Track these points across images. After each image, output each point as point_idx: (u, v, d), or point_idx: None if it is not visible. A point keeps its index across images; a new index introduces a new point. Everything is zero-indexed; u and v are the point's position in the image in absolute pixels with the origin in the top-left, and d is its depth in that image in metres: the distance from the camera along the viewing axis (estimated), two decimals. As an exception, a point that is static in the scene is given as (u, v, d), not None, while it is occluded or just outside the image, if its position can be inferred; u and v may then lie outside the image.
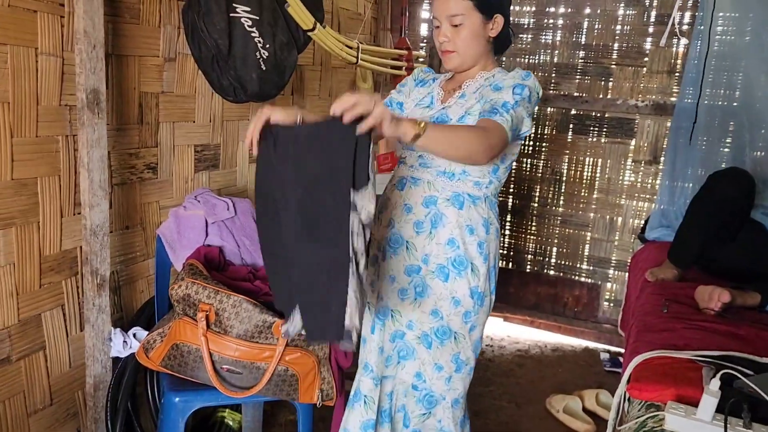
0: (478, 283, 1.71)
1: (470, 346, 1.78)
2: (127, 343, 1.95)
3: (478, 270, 1.70)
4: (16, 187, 1.70)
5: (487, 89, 1.64)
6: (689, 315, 2.04)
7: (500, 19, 1.67)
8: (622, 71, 3.53)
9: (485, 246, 1.71)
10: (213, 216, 2.14)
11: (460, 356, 1.78)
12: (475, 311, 1.73)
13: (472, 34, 1.66)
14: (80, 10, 1.68)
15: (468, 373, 1.83)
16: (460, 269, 1.69)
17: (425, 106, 1.78)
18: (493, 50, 1.76)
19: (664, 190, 3.28)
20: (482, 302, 1.74)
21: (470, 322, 1.74)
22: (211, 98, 2.39)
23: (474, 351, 1.80)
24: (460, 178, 1.68)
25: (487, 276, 1.73)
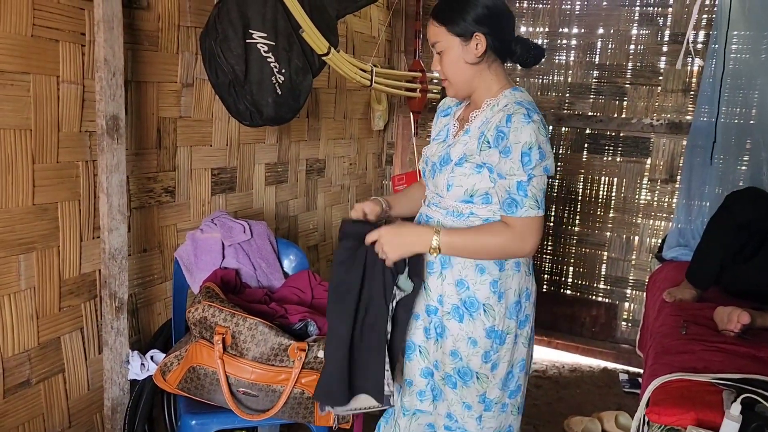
0: (494, 323, 1.62)
1: (497, 385, 1.67)
2: (145, 365, 1.97)
3: (493, 309, 1.61)
4: (37, 212, 1.73)
5: (491, 129, 1.54)
6: (708, 337, 2.01)
7: (481, 37, 1.55)
8: (636, 90, 3.53)
9: (499, 284, 1.61)
10: (230, 239, 2.16)
11: (487, 395, 1.68)
12: (495, 350, 1.64)
13: (453, 59, 1.60)
14: (101, 39, 1.72)
15: (501, 410, 1.71)
16: (472, 311, 1.62)
17: (441, 140, 1.74)
18: (495, 69, 1.63)
19: (681, 209, 3.26)
20: (503, 340, 1.64)
21: (491, 361, 1.65)
22: (228, 122, 2.43)
23: (503, 389, 1.69)
24: (469, 217, 1.63)
25: (507, 314, 1.63)
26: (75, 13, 1.76)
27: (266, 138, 2.70)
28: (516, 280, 1.64)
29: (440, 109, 1.85)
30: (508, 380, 1.69)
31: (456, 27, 1.56)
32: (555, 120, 3.73)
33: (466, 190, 1.58)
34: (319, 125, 3.10)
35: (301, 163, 3.00)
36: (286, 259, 2.37)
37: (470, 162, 1.57)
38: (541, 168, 1.50)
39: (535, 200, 1.50)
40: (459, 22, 1.56)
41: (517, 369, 1.70)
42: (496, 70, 1.63)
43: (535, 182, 1.50)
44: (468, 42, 1.57)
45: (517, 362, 1.69)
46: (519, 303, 1.65)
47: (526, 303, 1.67)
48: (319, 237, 3.26)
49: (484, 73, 1.61)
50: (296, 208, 3.02)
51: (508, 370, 1.68)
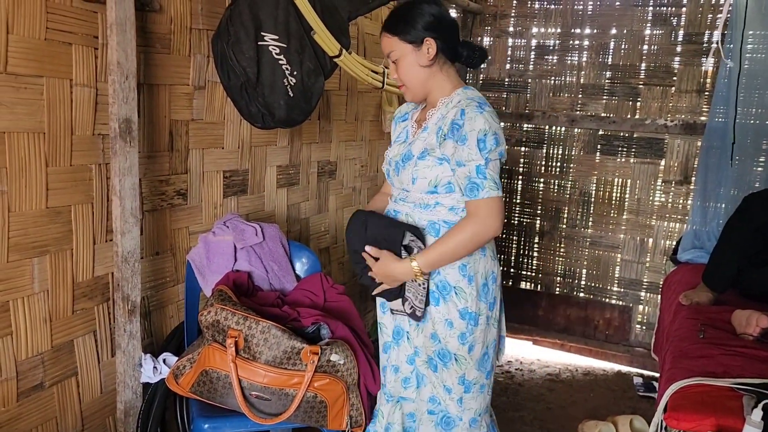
0: (467, 304, 1.74)
1: (473, 366, 1.80)
2: (157, 368, 1.96)
3: (464, 292, 1.74)
4: (51, 215, 1.74)
5: (447, 124, 1.68)
6: (727, 340, 1.98)
7: (431, 42, 1.71)
8: (650, 91, 3.50)
9: (468, 268, 1.74)
10: (242, 241, 2.16)
11: (466, 377, 1.80)
12: (470, 331, 1.76)
13: (408, 65, 1.75)
14: (113, 42, 1.71)
15: (479, 391, 1.84)
16: (444, 294, 1.75)
17: (401, 142, 1.88)
18: (447, 71, 1.78)
19: (696, 210, 3.23)
20: (476, 322, 1.76)
21: (468, 342, 1.77)
22: (240, 125, 2.42)
23: (480, 369, 1.82)
24: (435, 207, 1.76)
25: (478, 296, 1.76)
26: (88, 17, 1.76)
27: (278, 140, 2.69)
28: (483, 264, 1.78)
29: (397, 116, 1.99)
30: (484, 361, 1.82)
31: (407, 35, 1.73)
32: (568, 121, 3.71)
33: (430, 182, 1.72)
34: (331, 127, 3.09)
35: (312, 166, 2.99)
36: (298, 261, 2.36)
37: (432, 155, 1.71)
38: (496, 152, 1.65)
39: (494, 182, 1.64)
40: (410, 30, 1.72)
41: (491, 350, 1.84)
42: (448, 72, 1.79)
43: (492, 166, 1.64)
44: (420, 47, 1.73)
45: (490, 343, 1.83)
46: (486, 286, 1.79)
47: (492, 286, 1.81)
48: (330, 239, 3.25)
49: (437, 75, 1.77)
50: (308, 210, 3.01)
51: (484, 351, 1.81)
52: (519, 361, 3.68)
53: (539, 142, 3.88)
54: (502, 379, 3.41)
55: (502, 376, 3.45)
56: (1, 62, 1.55)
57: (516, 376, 3.46)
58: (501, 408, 3.06)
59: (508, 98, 3.94)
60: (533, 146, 3.90)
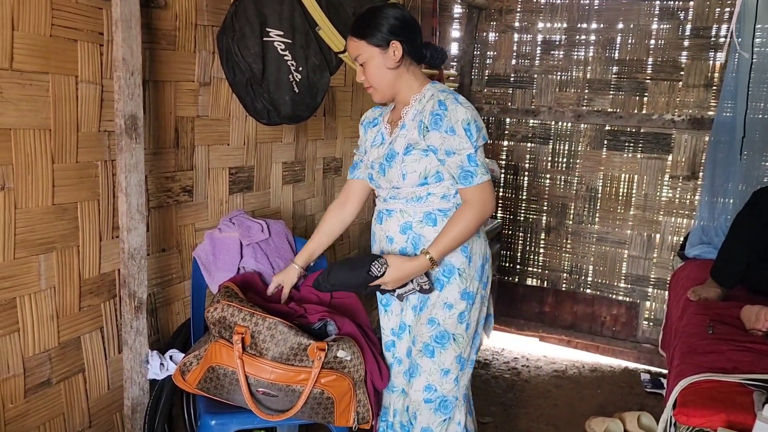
0: (468, 284, 1.85)
1: (469, 343, 1.90)
2: (164, 365, 1.96)
3: (466, 273, 1.85)
4: (57, 212, 1.74)
5: (427, 116, 1.76)
6: (736, 336, 1.97)
7: (397, 44, 1.77)
8: (657, 86, 3.48)
9: (469, 249, 1.85)
10: (248, 238, 2.16)
11: (463, 355, 1.89)
12: (468, 310, 1.86)
13: (375, 67, 1.81)
14: (119, 39, 1.71)
15: (470, 367, 1.95)
16: (450, 277, 1.84)
17: (378, 144, 1.93)
18: (413, 71, 1.85)
19: (704, 206, 3.20)
20: (473, 300, 1.87)
21: (465, 321, 1.86)
22: (245, 121, 2.42)
23: (472, 346, 1.92)
24: (427, 198, 1.83)
25: (474, 276, 1.86)
26: (93, 13, 1.75)
27: (283, 137, 2.69)
28: (479, 245, 1.89)
29: (365, 122, 2.05)
30: (476, 338, 1.94)
31: (374, 39, 1.78)
32: (574, 116, 3.69)
33: (420, 174, 1.79)
34: (336, 123, 3.08)
35: (318, 162, 2.99)
36: (304, 258, 2.35)
37: (417, 149, 1.78)
38: (481, 138, 1.76)
39: (484, 167, 1.75)
40: (376, 34, 1.78)
41: (480, 327, 1.96)
42: (414, 72, 1.86)
43: (479, 152, 1.76)
44: (386, 50, 1.79)
45: (480, 321, 1.95)
46: (483, 266, 1.90)
47: (486, 265, 1.92)
48: (336, 236, 3.25)
49: (403, 76, 1.84)
50: (313, 206, 3.00)
51: (475, 329, 1.92)
52: (526, 357, 3.67)
53: (545, 138, 3.86)
54: (509, 376, 3.40)
55: (508, 372, 3.45)
56: (7, 59, 1.54)
57: (523, 372, 3.45)
58: (507, 404, 3.05)
59: (514, 94, 3.93)
60: (539, 142, 3.89)
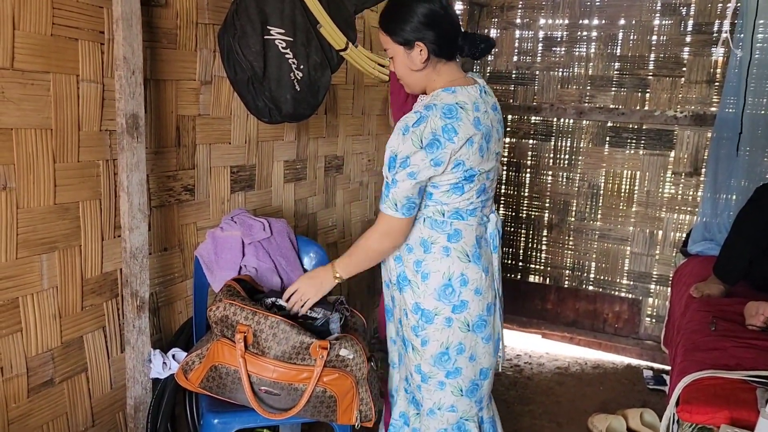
0: (420, 299, 1.76)
1: (428, 360, 1.79)
2: (167, 364, 1.96)
3: (418, 288, 1.76)
4: (59, 211, 1.73)
5: None
6: (739, 333, 1.97)
7: (423, 45, 1.65)
8: (659, 82, 3.47)
9: (423, 265, 1.75)
10: (249, 236, 2.15)
11: (422, 368, 1.82)
12: (422, 326, 1.77)
13: (400, 63, 1.74)
14: (120, 37, 1.71)
15: (437, 387, 1.81)
16: (404, 285, 1.80)
17: None
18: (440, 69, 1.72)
19: (707, 202, 3.20)
20: (430, 320, 1.76)
21: (420, 336, 1.78)
22: (247, 119, 2.41)
23: (436, 366, 1.79)
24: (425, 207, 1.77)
25: (435, 296, 1.74)
26: (94, 12, 1.75)
27: (285, 135, 2.69)
28: (445, 264, 1.73)
29: None
30: (443, 360, 1.79)
31: (398, 37, 1.68)
32: (576, 113, 3.68)
33: None
34: (338, 122, 3.08)
35: (319, 160, 2.98)
36: (306, 256, 2.35)
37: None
38: (403, 172, 1.62)
39: (394, 203, 1.66)
40: (399, 32, 1.67)
41: (453, 352, 1.78)
42: (441, 70, 1.72)
43: (398, 187, 1.64)
44: (411, 50, 1.68)
45: (453, 345, 1.77)
46: (449, 286, 1.74)
47: (461, 288, 1.74)
48: (338, 234, 3.25)
49: (430, 75, 1.73)
50: (315, 205, 3.00)
51: (442, 350, 1.78)
52: (528, 354, 3.67)
53: (547, 135, 3.86)
54: (511, 373, 3.40)
55: (510, 369, 3.44)
56: (8, 58, 1.54)
57: (525, 369, 3.45)
58: (510, 401, 3.05)
59: (516, 90, 3.92)
60: (541, 139, 3.88)
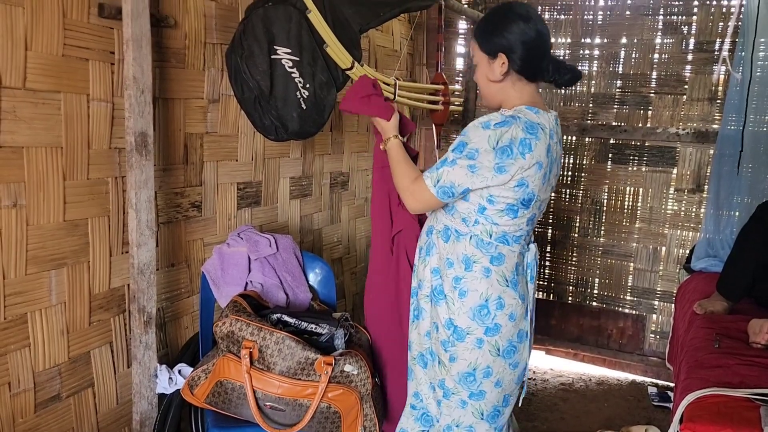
0: (454, 316, 1.72)
1: (455, 377, 1.75)
2: (173, 379, 1.97)
3: (453, 304, 1.72)
4: (69, 228, 1.76)
5: None
6: (743, 350, 1.97)
7: (504, 58, 1.67)
8: (661, 99, 3.50)
9: (462, 282, 1.71)
10: (256, 253, 2.17)
11: (446, 383, 1.78)
12: (452, 343, 1.73)
13: (481, 72, 1.75)
14: (130, 58, 1.74)
15: (459, 405, 1.78)
16: (439, 298, 1.77)
17: None
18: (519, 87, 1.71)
19: (710, 219, 3.20)
20: (461, 338, 1.72)
21: (449, 351, 1.74)
22: (253, 137, 2.45)
23: (461, 383, 1.75)
24: (452, 212, 1.76)
25: (469, 315, 1.70)
26: (105, 33, 1.79)
27: (291, 152, 2.72)
28: (484, 285, 1.71)
29: None
30: (468, 381, 1.75)
31: (485, 45, 1.71)
32: (578, 131, 3.71)
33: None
34: (343, 139, 3.11)
35: (325, 177, 3.01)
36: (311, 272, 2.37)
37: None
38: (465, 161, 1.61)
39: (437, 179, 1.66)
40: (487, 41, 1.70)
41: (480, 374, 1.74)
42: (521, 89, 1.72)
43: (450, 167, 1.63)
44: (494, 60, 1.70)
45: (480, 367, 1.73)
46: (485, 308, 1.71)
47: (497, 311, 1.71)
48: (343, 250, 3.27)
49: (507, 90, 1.73)
50: (320, 221, 3.03)
51: (469, 370, 1.74)
52: (532, 370, 3.66)
53: (550, 152, 3.86)
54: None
55: (515, 386, 3.44)
56: (20, 78, 1.58)
57: (529, 385, 3.45)
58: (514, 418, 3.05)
59: (519, 108, 3.94)
60: (544, 155, 3.89)
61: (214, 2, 2.20)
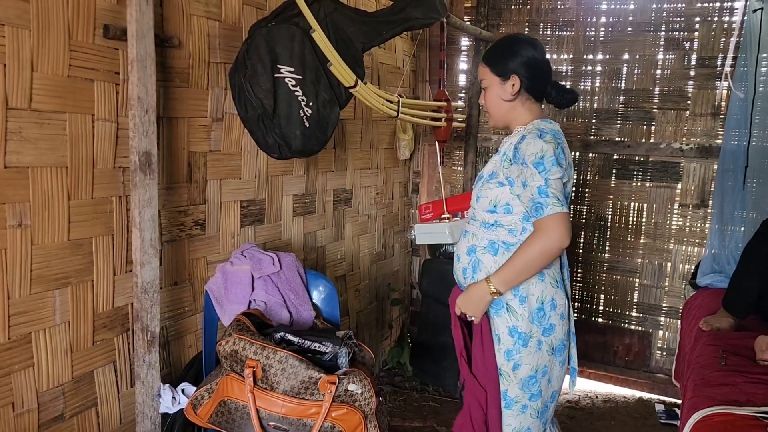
0: (517, 323, 1.81)
1: (517, 384, 1.84)
2: (176, 399, 1.97)
3: (515, 312, 1.81)
4: (73, 247, 1.77)
5: (511, 149, 1.81)
6: (749, 367, 1.95)
7: (516, 79, 1.83)
8: (664, 115, 3.50)
9: (521, 289, 1.80)
10: (259, 271, 2.17)
11: (508, 393, 1.86)
12: (517, 350, 1.82)
13: (492, 95, 1.90)
14: (134, 78, 1.76)
15: (520, 411, 1.87)
16: (498, 308, 1.84)
17: None
18: (528, 106, 1.89)
19: (714, 234, 3.19)
20: (525, 343, 1.82)
21: (513, 360, 1.83)
22: (257, 155, 2.46)
23: (523, 389, 1.85)
24: (494, 228, 1.86)
25: (530, 318, 1.81)
26: (110, 53, 1.81)
27: (294, 170, 2.72)
28: (539, 288, 1.82)
29: None
30: (530, 383, 1.85)
31: (496, 68, 1.87)
32: (582, 146, 3.71)
33: (490, 201, 1.86)
34: (346, 156, 3.12)
35: (328, 194, 3.02)
36: (315, 290, 2.37)
37: (496, 178, 1.85)
38: (557, 173, 1.72)
39: (557, 198, 1.70)
40: (500, 64, 1.86)
41: (540, 374, 1.85)
42: (530, 107, 1.89)
43: (553, 184, 1.71)
44: (506, 81, 1.86)
45: (540, 368, 1.85)
46: (542, 310, 1.82)
47: (551, 312, 1.83)
48: (347, 267, 3.26)
49: (517, 109, 1.89)
50: (324, 238, 3.03)
51: (531, 373, 1.84)
52: (538, 388, 3.64)
53: (554, 167, 3.86)
54: (521, 407, 3.36)
55: (520, 403, 3.41)
56: (26, 99, 1.59)
57: (535, 403, 3.42)
58: None
59: (522, 124, 3.95)
60: (548, 171, 3.89)
61: (218, 22, 2.22)
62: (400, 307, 3.97)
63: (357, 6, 2.94)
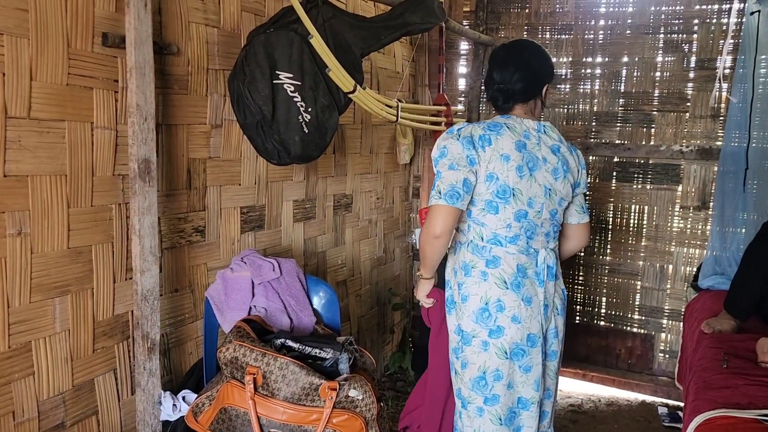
0: (460, 322, 1.89)
1: (467, 384, 1.88)
2: (177, 406, 1.96)
3: (459, 310, 1.89)
4: (72, 255, 1.77)
5: None
6: (751, 370, 1.95)
7: None
8: (664, 117, 3.50)
9: (464, 287, 1.88)
10: (259, 277, 2.17)
11: (462, 392, 1.91)
12: (461, 348, 1.88)
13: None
14: (133, 86, 1.76)
15: (476, 413, 1.88)
16: (450, 307, 1.94)
17: None
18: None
19: (715, 236, 3.19)
20: (468, 341, 1.86)
21: (461, 358, 1.89)
22: (256, 161, 2.46)
23: (474, 390, 1.87)
24: (459, 227, 1.96)
25: (473, 318, 1.85)
26: (108, 61, 1.81)
27: (294, 175, 2.72)
28: (482, 288, 1.85)
29: None
30: (481, 385, 1.86)
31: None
32: (582, 149, 3.70)
33: None
34: (346, 161, 3.12)
35: (328, 199, 3.02)
36: (315, 295, 2.36)
37: None
38: (444, 165, 1.82)
39: (438, 191, 1.81)
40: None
41: (491, 377, 1.85)
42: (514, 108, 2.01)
43: (443, 177, 1.82)
44: None
45: (490, 370, 1.85)
46: (486, 311, 1.84)
47: (497, 314, 1.84)
48: (347, 272, 3.26)
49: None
50: (324, 243, 3.02)
51: (479, 375, 1.86)
52: (540, 391, 3.62)
53: (554, 170, 3.86)
54: (524, 411, 3.35)
55: (523, 407, 3.40)
56: (25, 108, 1.60)
57: (537, 407, 3.41)
58: None
59: (522, 127, 3.94)
60: (548, 174, 3.89)
61: (217, 29, 2.22)
62: (402, 312, 3.96)
63: (355, 11, 2.94)
